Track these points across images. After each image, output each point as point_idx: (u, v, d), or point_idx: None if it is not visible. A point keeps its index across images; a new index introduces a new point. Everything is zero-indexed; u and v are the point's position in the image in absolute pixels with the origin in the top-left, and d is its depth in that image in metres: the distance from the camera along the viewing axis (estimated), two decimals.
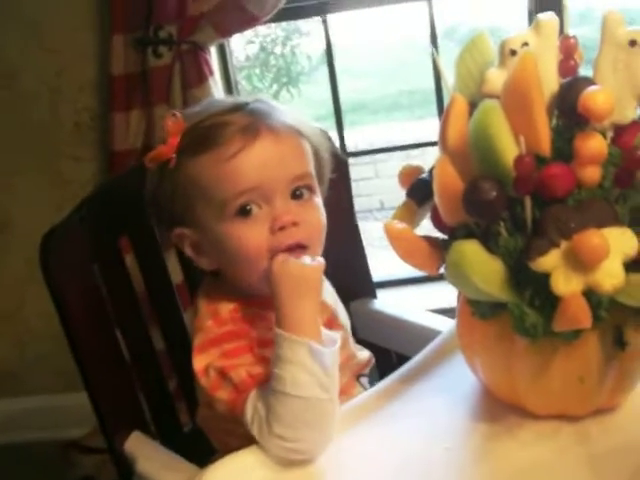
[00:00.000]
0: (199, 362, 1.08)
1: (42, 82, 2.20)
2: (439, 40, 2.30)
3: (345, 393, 1.16)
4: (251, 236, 1.06)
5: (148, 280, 1.34)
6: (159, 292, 1.36)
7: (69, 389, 2.41)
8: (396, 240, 0.96)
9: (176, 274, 1.41)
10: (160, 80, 2.02)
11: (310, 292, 1.02)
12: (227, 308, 1.11)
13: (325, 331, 1.02)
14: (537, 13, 0.95)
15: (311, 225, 1.10)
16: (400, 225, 0.97)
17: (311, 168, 1.13)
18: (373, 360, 1.28)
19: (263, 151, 1.07)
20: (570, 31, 0.94)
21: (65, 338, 1.19)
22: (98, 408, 1.20)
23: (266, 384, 1.00)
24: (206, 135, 1.07)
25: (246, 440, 1.00)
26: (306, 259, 1.05)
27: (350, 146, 2.58)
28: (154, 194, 1.12)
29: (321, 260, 1.06)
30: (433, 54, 0.94)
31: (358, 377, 1.24)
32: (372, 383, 1.23)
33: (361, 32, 4.94)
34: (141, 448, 1.20)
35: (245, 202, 1.06)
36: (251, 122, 1.08)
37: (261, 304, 1.11)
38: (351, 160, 1.95)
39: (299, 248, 1.07)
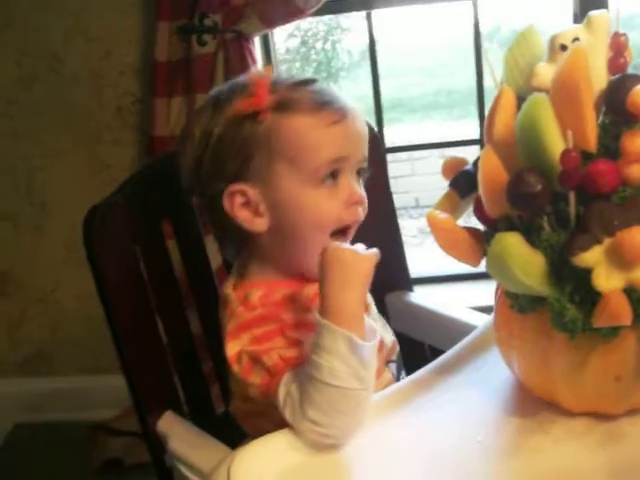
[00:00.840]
0: (231, 349, 1.08)
1: (86, 66, 2.22)
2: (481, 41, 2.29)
3: (376, 378, 1.17)
4: (330, 205, 1.10)
5: (187, 263, 1.35)
6: (198, 276, 1.37)
7: (99, 371, 2.44)
8: (438, 230, 0.97)
9: (215, 259, 1.42)
10: (203, 68, 2.03)
11: (360, 283, 1.02)
12: (257, 294, 1.11)
13: (367, 320, 1.02)
14: (582, 15, 0.95)
15: (365, 207, 1.15)
16: (443, 215, 0.97)
17: None
18: (397, 346, 1.28)
19: (352, 125, 1.12)
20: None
21: (98, 321, 1.20)
22: (133, 386, 1.22)
23: (299, 367, 1.01)
24: (307, 98, 1.10)
25: (278, 426, 1.00)
26: (360, 248, 1.05)
27: (388, 142, 2.58)
28: (215, 149, 1.11)
29: (375, 251, 1.05)
30: (482, 49, 0.94)
31: (387, 363, 1.24)
32: (399, 369, 1.24)
33: (402, 30, 4.94)
34: (174, 427, 1.22)
35: (336, 169, 1.10)
36: (337, 96, 1.12)
37: (295, 284, 1.12)
38: (389, 157, 1.95)
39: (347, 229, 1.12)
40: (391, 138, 2.68)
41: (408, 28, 4.89)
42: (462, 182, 1.01)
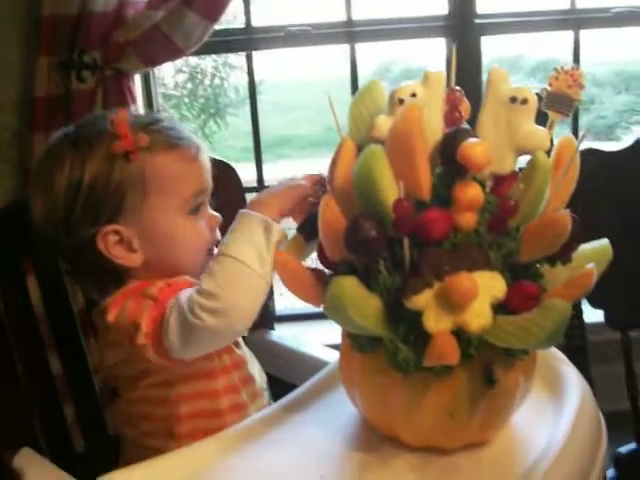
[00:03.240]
0: (112, 314, 1.12)
1: None
2: (371, 79, 2.35)
3: (250, 402, 1.23)
4: (202, 231, 1.20)
5: (48, 303, 1.35)
6: (59, 314, 1.37)
7: None
8: (282, 269, 1.01)
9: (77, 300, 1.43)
10: (82, 104, 2.03)
11: (284, 195, 1.11)
12: (156, 287, 1.13)
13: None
14: (451, 59, 1.01)
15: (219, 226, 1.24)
16: (287, 256, 1.02)
17: None
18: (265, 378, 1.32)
19: (205, 160, 1.21)
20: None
21: None
22: None
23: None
24: (168, 135, 1.16)
25: (161, 440, 1.11)
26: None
27: (272, 179, 2.61)
28: (87, 196, 1.13)
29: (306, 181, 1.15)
30: (329, 99, 0.98)
31: (261, 390, 1.28)
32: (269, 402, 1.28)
33: (293, 67, 5.00)
34: (30, 464, 1.20)
35: (201, 201, 1.20)
36: (189, 134, 1.20)
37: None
38: None
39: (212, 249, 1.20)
40: (277, 175, 2.71)
41: (297, 63, 4.97)
42: (308, 227, 1.05)
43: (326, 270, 1.01)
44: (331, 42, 2.33)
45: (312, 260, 1.08)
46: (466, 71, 2.23)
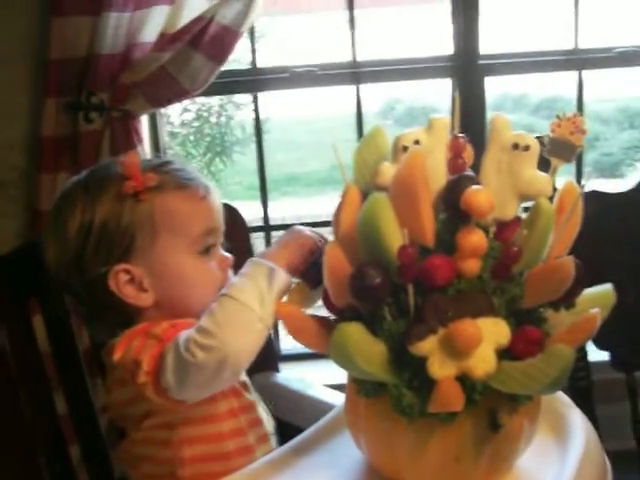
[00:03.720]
0: (118, 353, 1.13)
1: None
2: (375, 118, 2.38)
3: (246, 454, 1.21)
4: (213, 272, 1.20)
5: (54, 343, 1.36)
6: (65, 355, 1.37)
7: None
8: (286, 318, 1.02)
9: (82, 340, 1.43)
10: (90, 144, 2.04)
11: (296, 245, 1.13)
12: (160, 327, 1.14)
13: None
14: (455, 98, 1.03)
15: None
16: (290, 305, 1.03)
17: None
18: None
19: (215, 200, 1.22)
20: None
21: None
22: None
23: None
24: (177, 175, 1.18)
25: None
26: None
27: (279, 218, 2.63)
28: (98, 238, 1.14)
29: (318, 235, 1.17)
30: (334, 147, 0.99)
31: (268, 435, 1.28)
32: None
33: (298, 106, 5.04)
34: None
35: (212, 242, 1.20)
36: (198, 174, 1.22)
37: None
38: (273, 233, 2.01)
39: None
40: (283, 212, 2.74)
41: (303, 103, 5.01)
42: (312, 273, 1.06)
43: (331, 315, 1.02)
44: (336, 83, 2.35)
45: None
46: (470, 111, 2.24)
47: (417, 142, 0.97)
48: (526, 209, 0.98)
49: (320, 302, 1.06)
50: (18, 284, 1.30)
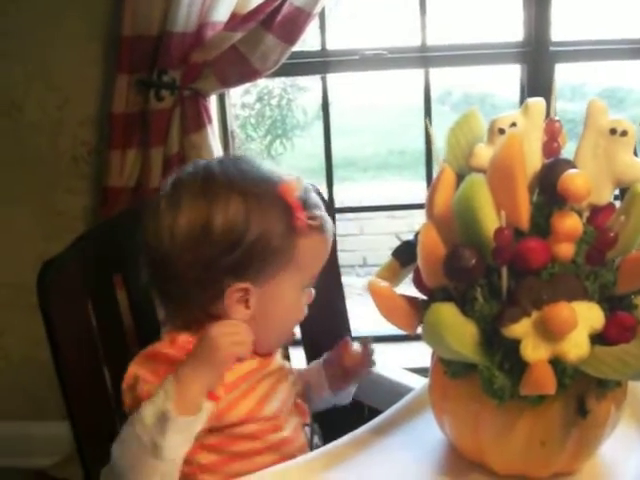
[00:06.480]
0: (131, 368, 1.15)
1: (44, 114, 2.24)
2: (433, 104, 2.37)
3: (293, 442, 1.22)
4: (303, 307, 1.24)
5: (137, 318, 1.38)
6: (146, 330, 1.39)
7: (40, 417, 2.42)
8: (378, 297, 1.02)
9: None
10: (160, 123, 2.06)
11: (210, 366, 1.09)
12: (185, 337, 1.16)
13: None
14: (527, 86, 1.02)
15: None
16: (382, 283, 1.03)
17: None
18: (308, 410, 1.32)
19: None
20: (561, 106, 1.00)
21: (42, 367, 1.21)
22: (78, 435, 1.23)
23: None
24: (323, 219, 1.20)
25: None
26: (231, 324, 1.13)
27: (337, 201, 2.63)
28: (245, 249, 1.12)
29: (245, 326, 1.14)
30: (426, 124, 0.99)
31: (303, 426, 1.28)
32: (312, 433, 1.28)
33: (358, 90, 5.03)
34: None
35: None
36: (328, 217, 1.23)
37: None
38: (337, 215, 2.01)
39: None
40: (341, 196, 2.73)
41: (363, 88, 5.00)
42: (404, 252, 1.06)
43: (420, 295, 1.02)
44: (405, 66, 2.34)
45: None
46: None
47: (514, 125, 0.97)
48: (616, 197, 0.98)
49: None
50: (104, 260, 1.32)
